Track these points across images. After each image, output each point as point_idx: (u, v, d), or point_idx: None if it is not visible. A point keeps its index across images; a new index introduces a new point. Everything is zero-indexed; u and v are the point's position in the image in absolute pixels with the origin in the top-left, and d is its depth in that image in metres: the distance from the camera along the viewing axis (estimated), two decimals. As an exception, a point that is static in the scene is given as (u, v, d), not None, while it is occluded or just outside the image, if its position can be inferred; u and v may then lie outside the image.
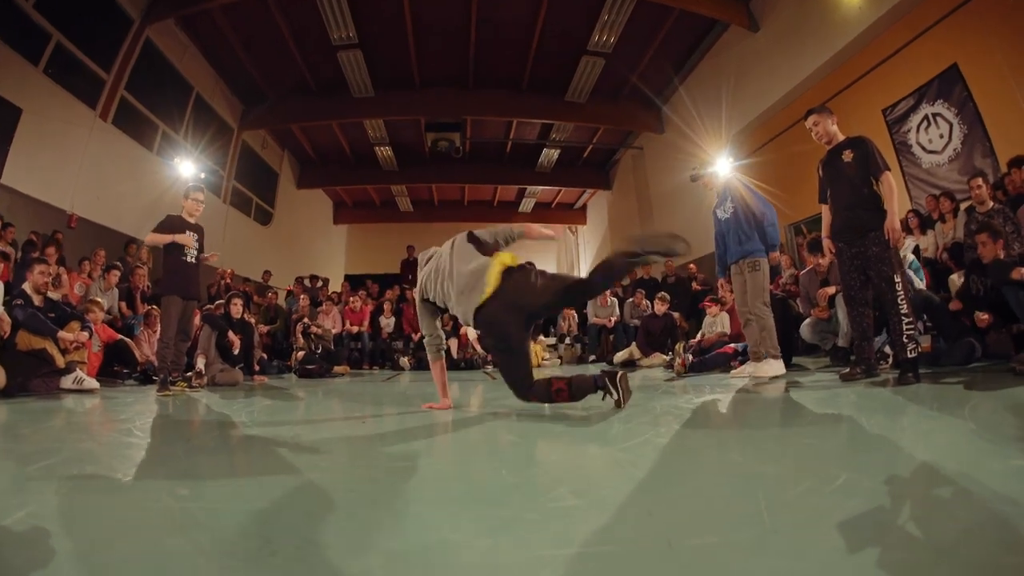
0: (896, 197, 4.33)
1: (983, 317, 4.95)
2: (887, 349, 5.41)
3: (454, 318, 10.74)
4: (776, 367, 5.28)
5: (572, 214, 23.00)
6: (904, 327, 4.11)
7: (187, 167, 11.22)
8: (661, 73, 13.15)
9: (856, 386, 4.08)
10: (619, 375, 3.32)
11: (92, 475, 2.05)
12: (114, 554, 1.26)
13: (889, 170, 4.37)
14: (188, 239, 5.77)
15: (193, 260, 5.89)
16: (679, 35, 12.02)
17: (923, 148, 8.19)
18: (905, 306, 4.15)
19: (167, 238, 5.71)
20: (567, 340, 11.85)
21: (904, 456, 2.05)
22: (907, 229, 7.19)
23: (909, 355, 4.07)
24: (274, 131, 15.80)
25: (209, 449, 2.66)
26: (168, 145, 11.51)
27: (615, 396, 3.28)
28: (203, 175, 11.60)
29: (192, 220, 6.02)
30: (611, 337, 10.96)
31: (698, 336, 7.93)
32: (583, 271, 21.45)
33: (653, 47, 12.21)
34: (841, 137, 4.63)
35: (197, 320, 7.34)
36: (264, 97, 13.99)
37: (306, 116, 14.55)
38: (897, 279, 4.18)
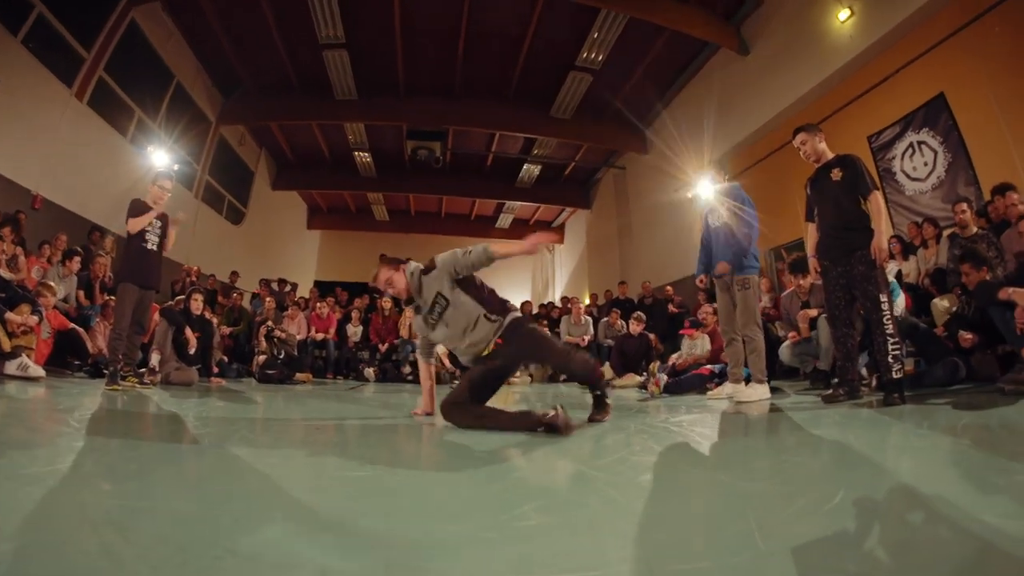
0: (884, 217, 4.31)
1: (967, 336, 4.93)
2: (864, 371, 5.37)
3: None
4: (762, 391, 5.16)
5: (550, 232, 23.02)
6: (890, 347, 4.07)
7: (160, 157, 10.94)
8: (647, 93, 13.22)
9: (840, 408, 4.02)
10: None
11: (12, 462, 1.92)
12: (9, 545, 1.15)
13: (879, 189, 4.38)
14: (145, 220, 5.58)
15: (154, 247, 5.69)
16: (668, 56, 12.11)
17: (907, 176, 8.26)
18: (891, 326, 4.11)
19: (147, 218, 5.55)
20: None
21: (902, 473, 2.03)
22: (890, 254, 7.20)
23: (895, 375, 4.03)
24: (253, 128, 15.58)
25: (147, 446, 2.51)
26: (143, 133, 11.25)
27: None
28: (176, 167, 11.34)
29: (156, 208, 5.83)
30: (584, 357, 10.82)
31: (674, 356, 7.85)
32: (558, 291, 21.45)
33: (642, 66, 12.26)
34: (830, 155, 4.61)
35: (156, 316, 7.13)
36: (246, 92, 13.80)
37: (287, 114, 14.37)
38: (883, 298, 4.15)
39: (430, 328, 3.50)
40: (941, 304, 5.74)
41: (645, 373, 6.90)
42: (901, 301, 5.61)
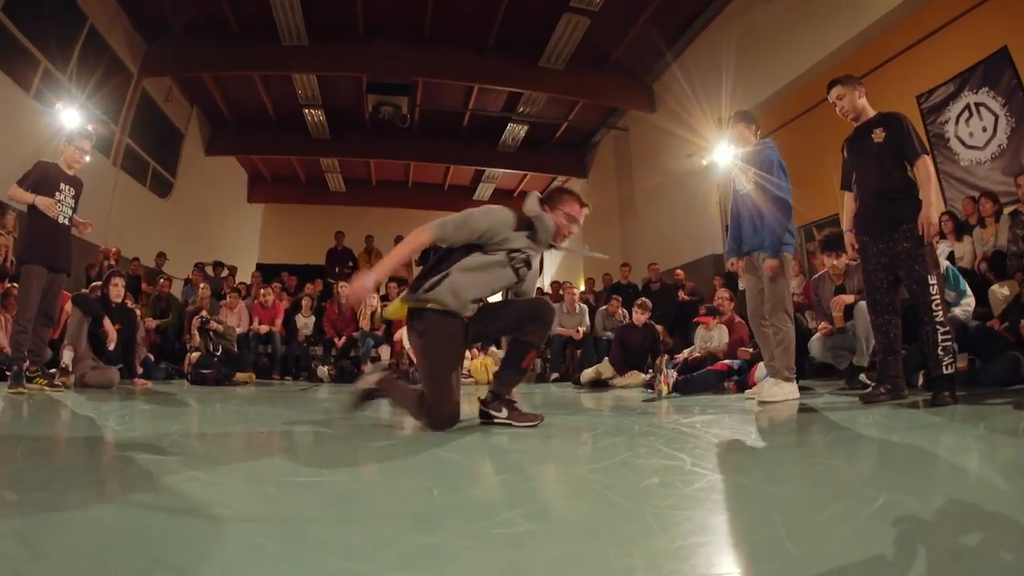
0: (935, 185, 4.32)
1: None
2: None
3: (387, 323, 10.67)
4: (789, 390, 5.15)
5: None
6: (940, 338, 4.09)
7: (71, 116, 10.75)
8: (655, 41, 13.10)
9: (880, 408, 4.06)
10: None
11: None
12: None
13: (928, 153, 4.36)
14: (51, 206, 5.50)
15: (66, 221, 5.64)
16: (682, -4, 12.01)
17: (962, 142, 8.32)
18: (940, 313, 4.13)
19: (27, 197, 5.47)
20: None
21: (954, 478, 2.03)
22: (940, 232, 7.26)
23: (945, 371, 4.06)
24: (182, 80, 15.29)
25: (61, 454, 2.51)
26: (50, 87, 11.00)
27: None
28: (91, 127, 11.17)
29: (70, 172, 5.77)
30: (578, 352, 10.90)
31: (687, 351, 7.88)
32: (548, 275, 21.44)
33: (650, 8, 12.13)
34: (871, 113, 4.61)
35: (68, 307, 7.07)
36: (174, 37, 13.45)
37: (223, 64, 14.09)
38: (932, 280, 4.16)
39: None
40: (1000, 291, 5.79)
41: (651, 370, 6.91)
42: (970, 301, 5.59)
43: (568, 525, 1.60)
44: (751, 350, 6.89)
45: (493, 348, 11.07)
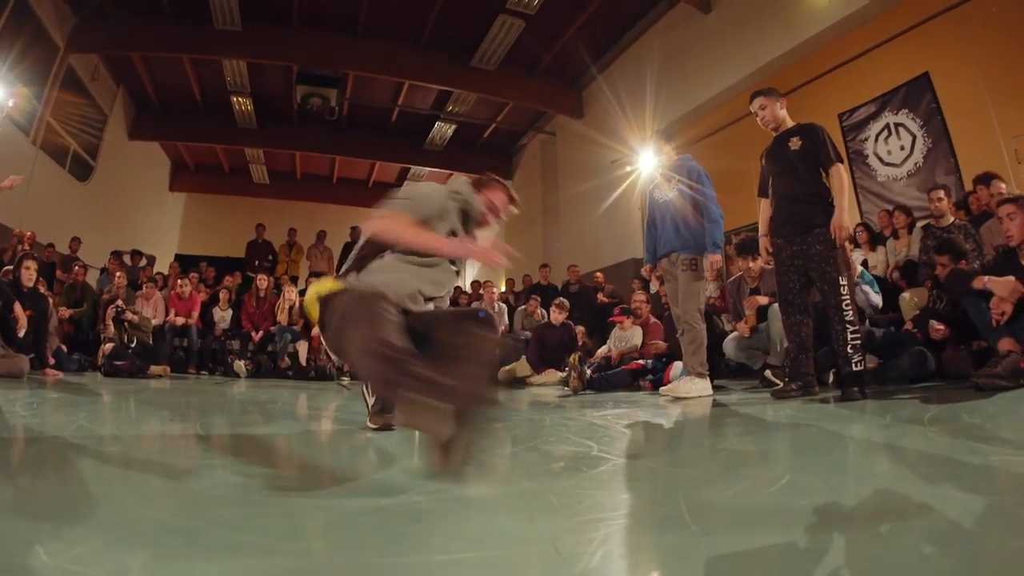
0: (847, 192, 4.50)
1: (938, 327, 5.17)
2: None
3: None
4: (702, 386, 5.30)
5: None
6: (849, 336, 4.28)
7: (-8, 88, 10.31)
8: (589, 48, 13.24)
9: (791, 403, 4.19)
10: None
11: None
12: None
13: (842, 162, 4.56)
14: None
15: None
16: (618, 5, 12.13)
17: (880, 159, 8.68)
18: (850, 312, 4.31)
19: None
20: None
21: (860, 459, 2.14)
22: (855, 243, 7.53)
23: (854, 368, 4.23)
24: (110, 58, 14.67)
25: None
26: (-31, 57, 10.53)
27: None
28: (11, 102, 10.70)
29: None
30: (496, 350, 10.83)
31: (602, 350, 7.99)
32: (469, 275, 21.43)
33: (585, 14, 12.18)
34: (790, 123, 4.79)
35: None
36: (104, 11, 12.86)
37: (153, 44, 13.57)
38: (843, 281, 4.35)
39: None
40: (911, 298, 6.03)
41: (566, 367, 6.99)
42: (877, 299, 5.84)
43: (469, 504, 1.64)
44: (665, 343, 7.04)
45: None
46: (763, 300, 6.25)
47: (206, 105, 16.60)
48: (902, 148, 8.39)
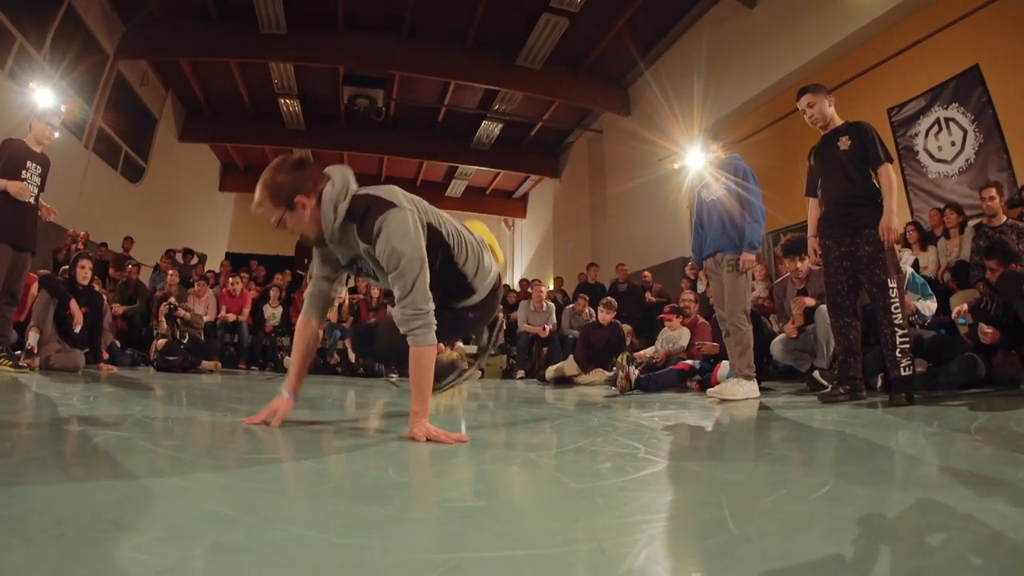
0: (896, 193, 4.41)
1: (987, 330, 5.03)
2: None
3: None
4: (748, 388, 5.24)
5: (510, 204, 23.01)
6: (898, 340, 4.19)
7: (45, 96, 10.50)
8: (631, 47, 13.21)
9: (838, 407, 4.13)
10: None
11: None
12: None
13: (891, 161, 4.47)
14: (24, 190, 5.45)
15: (31, 200, 5.58)
16: (662, 1, 12.07)
17: (931, 156, 8.48)
18: (899, 316, 4.22)
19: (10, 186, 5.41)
20: (491, 351, 11.69)
21: (905, 468, 2.09)
22: (905, 243, 7.38)
23: (903, 373, 4.15)
24: (158, 64, 15.10)
25: (22, 429, 2.51)
26: (24, 66, 10.77)
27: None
28: (64, 107, 10.98)
29: (38, 149, 5.71)
30: (544, 349, 10.92)
31: (649, 350, 7.95)
32: (517, 273, 21.45)
33: (630, 11, 12.15)
34: (839, 122, 4.71)
35: (34, 288, 6.99)
36: (151, 19, 13.25)
37: (200, 49, 13.95)
38: (892, 284, 4.26)
39: None
40: (962, 301, 5.89)
41: (614, 367, 6.96)
42: (931, 304, 5.70)
43: (517, 502, 1.65)
44: (716, 344, 6.97)
45: (460, 344, 11.07)
46: (810, 301, 6.15)
47: (254, 107, 16.94)
48: (953, 144, 8.20)
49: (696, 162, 10.91)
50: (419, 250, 2.57)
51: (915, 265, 6.93)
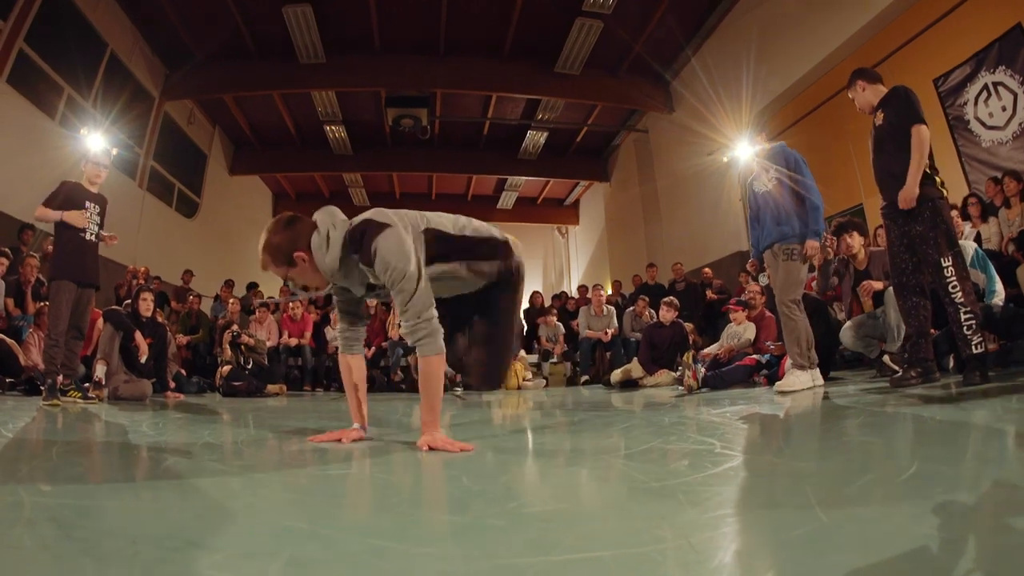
0: (923, 153, 4.21)
1: None
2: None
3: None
4: (804, 379, 5.07)
5: (562, 212, 22.97)
6: (963, 318, 4.04)
7: (96, 141, 10.77)
8: (671, 39, 13.05)
9: (911, 391, 4.01)
10: None
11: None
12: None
13: (923, 123, 4.27)
14: (80, 217, 5.58)
15: (93, 238, 5.71)
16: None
17: (982, 123, 8.18)
18: (959, 294, 4.06)
19: (55, 215, 5.54)
20: (553, 359, 11.68)
21: (988, 445, 2.06)
22: (965, 216, 7.16)
23: (974, 350, 4.00)
24: (203, 102, 15.48)
25: (94, 454, 2.54)
26: (74, 113, 11.15)
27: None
28: (115, 151, 11.30)
29: (94, 189, 5.86)
30: (608, 354, 10.84)
31: (714, 346, 7.82)
32: (574, 279, 21.39)
33: (663, 5, 12.03)
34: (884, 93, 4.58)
35: (99, 323, 7.15)
36: (193, 60, 13.58)
37: (242, 84, 14.26)
38: (946, 263, 4.11)
39: None
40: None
41: (680, 367, 6.86)
42: (999, 292, 5.46)
43: (598, 504, 1.63)
44: (782, 343, 6.83)
45: (522, 352, 11.06)
46: (877, 285, 5.95)
47: (300, 136, 17.21)
48: (1004, 109, 7.90)
49: (745, 152, 10.78)
50: (412, 262, 2.66)
51: (977, 239, 6.70)
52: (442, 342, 2.66)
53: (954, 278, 4.09)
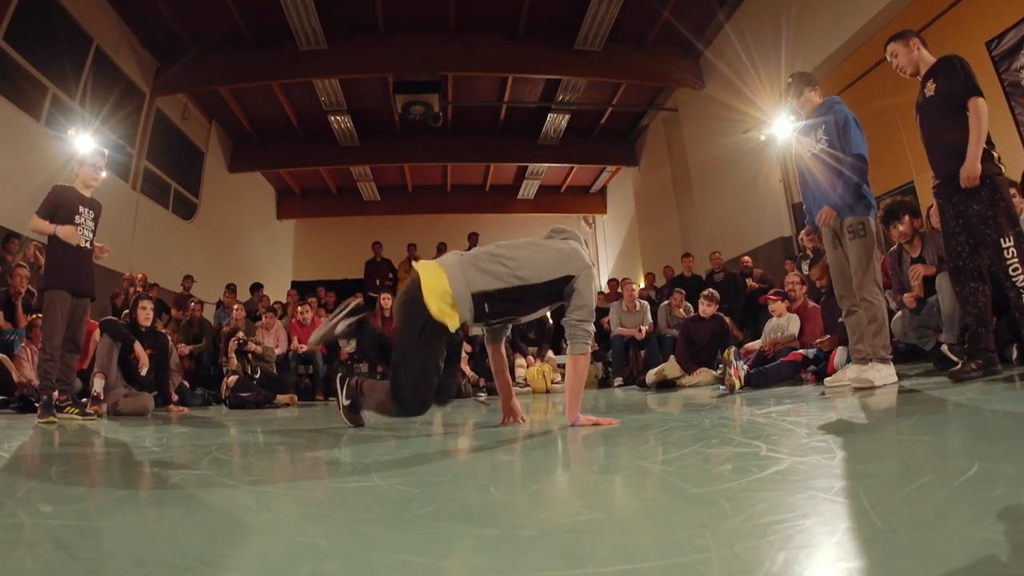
0: (983, 128, 4.17)
1: None
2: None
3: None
4: (886, 373, 4.91)
5: (587, 200, 22.90)
6: None
7: (85, 142, 10.82)
8: (700, 6, 12.92)
9: (971, 385, 3.97)
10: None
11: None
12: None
13: (980, 95, 4.23)
14: (71, 233, 5.64)
15: (87, 245, 5.78)
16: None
17: (1042, 89, 8.04)
18: (1021, 277, 4.01)
19: (50, 228, 5.60)
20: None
21: None
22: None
23: (1037, 337, 3.96)
24: (198, 96, 15.53)
25: (96, 473, 2.57)
26: (60, 113, 11.26)
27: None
28: (107, 152, 11.34)
29: (88, 193, 5.92)
30: (642, 352, 10.77)
31: (756, 342, 7.79)
32: (604, 272, 21.31)
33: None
34: (931, 62, 4.51)
35: (96, 335, 7.23)
36: (185, 51, 13.59)
37: (239, 75, 14.24)
38: (1007, 243, 4.07)
39: None
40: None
41: (720, 364, 6.82)
42: None
43: (636, 512, 1.63)
44: (830, 336, 6.77)
45: (551, 354, 11.05)
46: (928, 270, 5.89)
47: (303, 128, 17.22)
48: None
49: (784, 129, 10.69)
50: None
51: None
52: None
53: (1016, 260, 4.06)
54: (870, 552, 1.08)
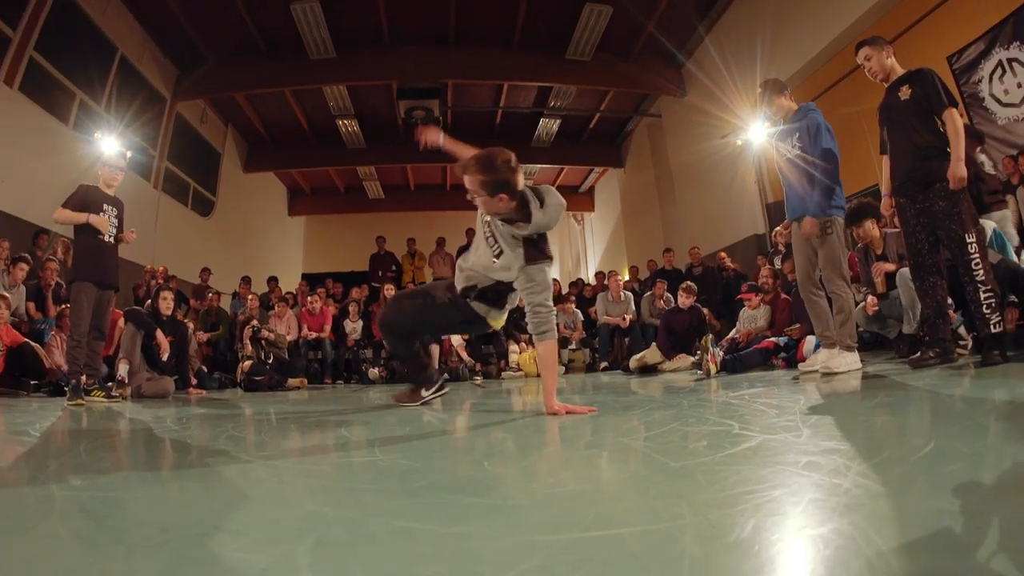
0: (963, 137, 4.19)
1: None
2: (963, 331, 5.28)
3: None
4: (851, 360, 4.92)
5: (577, 199, 22.82)
6: (982, 296, 4.03)
7: (110, 144, 10.90)
8: (684, 19, 12.95)
9: (930, 372, 3.99)
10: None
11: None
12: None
13: (955, 106, 4.26)
14: (103, 222, 5.65)
15: (111, 240, 5.77)
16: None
17: (998, 101, 8.03)
18: (981, 272, 4.05)
19: (81, 217, 5.60)
20: (572, 345, 11.69)
21: (1006, 423, 2.06)
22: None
23: (993, 329, 3.98)
24: (215, 101, 15.55)
25: (121, 449, 2.58)
26: (87, 117, 11.26)
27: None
28: (129, 154, 11.37)
29: (110, 192, 5.92)
30: (626, 340, 10.82)
31: (732, 332, 7.82)
32: (591, 266, 21.35)
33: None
34: (900, 71, 4.53)
35: (120, 323, 7.24)
36: (203, 60, 13.68)
37: (253, 82, 14.29)
38: (970, 239, 4.08)
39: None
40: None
41: (698, 351, 6.85)
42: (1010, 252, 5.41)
43: (618, 484, 1.65)
44: (799, 325, 6.81)
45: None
46: (890, 267, 5.90)
47: (314, 132, 17.21)
48: (1019, 85, 7.73)
49: (759, 134, 10.71)
50: None
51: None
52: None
53: (977, 255, 4.07)
54: (833, 520, 1.09)
